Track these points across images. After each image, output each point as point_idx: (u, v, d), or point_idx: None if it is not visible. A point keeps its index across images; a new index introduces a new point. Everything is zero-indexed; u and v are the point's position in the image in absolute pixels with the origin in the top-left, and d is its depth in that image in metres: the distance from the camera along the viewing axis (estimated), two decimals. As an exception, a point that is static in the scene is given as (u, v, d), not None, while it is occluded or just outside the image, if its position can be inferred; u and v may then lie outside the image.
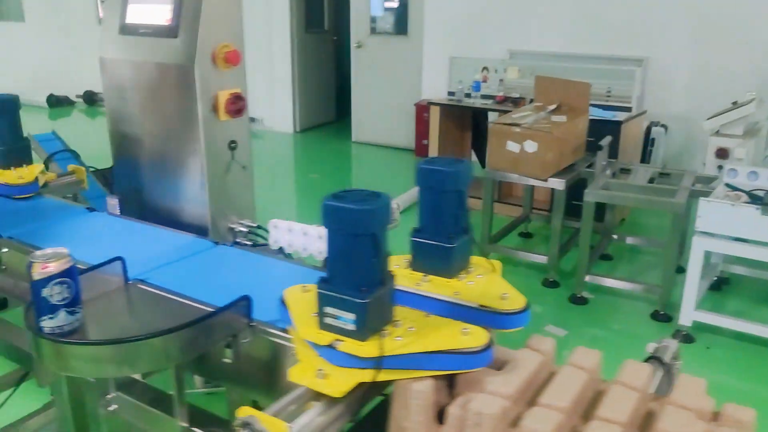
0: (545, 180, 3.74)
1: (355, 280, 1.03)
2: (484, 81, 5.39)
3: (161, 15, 1.68)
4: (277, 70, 8.11)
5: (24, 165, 2.05)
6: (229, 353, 1.23)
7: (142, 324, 1.21)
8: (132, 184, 1.89)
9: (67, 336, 1.08)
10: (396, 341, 1.06)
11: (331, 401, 1.02)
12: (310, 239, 1.51)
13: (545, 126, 3.72)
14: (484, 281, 1.28)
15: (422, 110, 6.36)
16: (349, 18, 7.56)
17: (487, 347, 1.07)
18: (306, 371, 1.05)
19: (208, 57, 1.66)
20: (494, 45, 6.19)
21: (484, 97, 5.26)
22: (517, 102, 5.09)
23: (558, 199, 3.80)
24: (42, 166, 2.09)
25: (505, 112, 4.44)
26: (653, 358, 1.34)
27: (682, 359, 1.44)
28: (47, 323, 1.07)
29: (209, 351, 1.24)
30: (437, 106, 5.37)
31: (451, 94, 5.48)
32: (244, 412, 0.95)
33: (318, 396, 1.03)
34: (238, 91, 1.74)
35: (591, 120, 4.08)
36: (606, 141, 3.79)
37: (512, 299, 1.21)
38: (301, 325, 1.11)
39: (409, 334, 1.08)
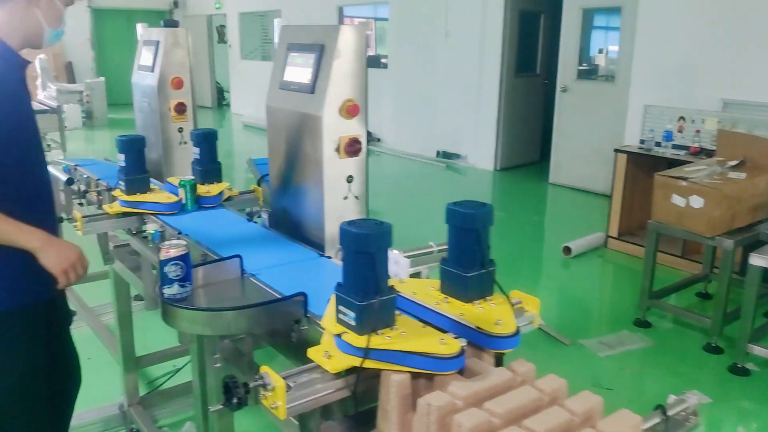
0: (712, 238, 3.59)
1: (356, 287, 1.35)
2: (680, 131, 5.20)
3: (305, 75, 2.16)
4: (484, 111, 8.52)
5: (214, 182, 2.70)
6: (292, 335, 1.63)
7: (236, 303, 1.64)
8: (278, 204, 2.40)
9: (176, 302, 1.56)
10: (385, 339, 1.35)
11: (328, 376, 1.35)
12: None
13: (717, 182, 3.59)
14: (492, 309, 1.50)
15: (621, 157, 6.25)
16: (560, 63, 7.70)
17: (457, 356, 1.32)
18: (319, 352, 1.39)
19: (335, 109, 2.10)
20: (706, 94, 5.90)
21: (676, 147, 5.08)
22: (713, 154, 4.83)
23: (725, 260, 3.61)
24: (227, 184, 2.71)
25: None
26: (658, 407, 1.44)
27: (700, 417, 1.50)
28: (166, 291, 1.56)
29: (276, 329, 1.66)
30: (624, 153, 5.31)
31: (642, 142, 5.37)
32: (264, 369, 1.33)
33: (322, 371, 1.37)
34: (356, 136, 2.14)
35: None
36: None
37: (504, 325, 1.42)
38: (327, 318, 1.46)
39: (399, 336, 1.37)
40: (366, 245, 1.33)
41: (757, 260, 3.29)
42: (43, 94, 11.09)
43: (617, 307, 4.55)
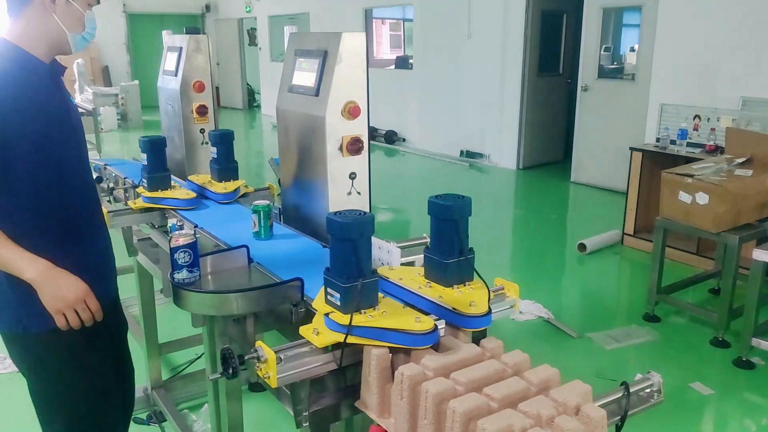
0: (717, 234, 3.66)
1: (341, 271, 1.51)
2: (695, 129, 5.24)
3: (310, 79, 2.32)
4: (506, 111, 8.61)
5: (231, 180, 2.89)
6: (291, 316, 1.80)
7: (239, 287, 1.81)
8: (289, 200, 2.57)
9: (185, 286, 1.74)
10: (367, 318, 1.50)
11: (316, 350, 1.51)
12: (380, 252, 1.99)
13: (723, 179, 3.65)
14: (469, 293, 1.64)
15: (638, 155, 6.30)
16: (583, 62, 7.74)
17: (430, 332, 1.46)
18: (309, 329, 1.55)
19: (337, 110, 2.26)
20: (725, 92, 5.91)
21: (691, 145, 5.12)
22: (728, 152, 4.87)
23: (730, 255, 3.67)
24: (242, 182, 2.89)
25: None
26: (623, 383, 1.56)
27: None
28: (176, 276, 1.74)
29: (280, 312, 1.82)
30: (639, 151, 5.36)
31: (658, 140, 5.42)
32: (258, 343, 1.50)
33: (311, 346, 1.53)
34: (358, 136, 2.30)
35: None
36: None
37: (477, 306, 1.56)
38: (318, 299, 1.62)
39: (380, 315, 1.52)
40: (349, 233, 1.49)
41: (760, 255, 3.34)
42: (80, 97, 11.52)
43: (628, 302, 4.63)
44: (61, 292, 1.69)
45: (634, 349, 3.76)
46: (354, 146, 2.31)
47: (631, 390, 1.53)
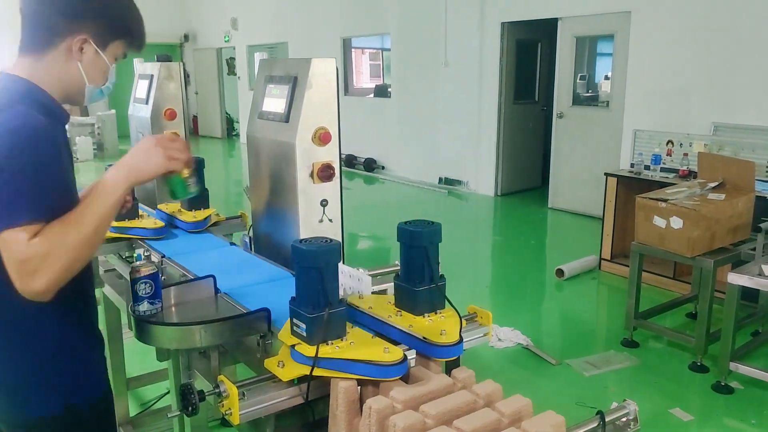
0: (692, 258, 3.66)
1: (307, 301, 1.46)
2: (668, 154, 5.30)
3: (279, 106, 2.30)
4: (484, 138, 8.67)
5: (201, 208, 2.83)
6: (257, 349, 1.73)
7: (204, 318, 1.75)
8: (260, 228, 2.53)
9: (145, 318, 1.67)
10: (335, 349, 1.45)
11: (282, 384, 1.45)
12: (351, 280, 1.95)
13: (696, 203, 3.67)
14: (440, 321, 1.60)
15: (612, 181, 6.35)
16: (559, 90, 7.84)
17: (399, 363, 1.42)
18: (274, 362, 1.50)
19: (308, 137, 2.23)
20: (697, 118, 6.02)
21: (665, 170, 5.17)
22: (701, 177, 4.91)
23: (705, 279, 3.68)
24: (214, 210, 2.84)
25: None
26: (599, 413, 1.52)
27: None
28: (137, 308, 1.68)
29: (246, 345, 1.76)
30: (614, 177, 5.40)
31: (632, 166, 5.47)
32: (220, 378, 1.43)
33: (276, 379, 1.47)
34: (329, 162, 2.27)
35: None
36: (768, 224, 3.59)
37: (448, 335, 1.51)
38: (284, 330, 1.56)
39: (348, 346, 1.47)
40: (314, 261, 1.44)
41: (735, 279, 3.35)
42: (56, 127, 11.39)
43: (606, 328, 4.61)
44: (145, 146, 1.53)
45: (613, 375, 3.73)
46: (325, 173, 2.27)
47: (606, 419, 1.49)
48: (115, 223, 2.58)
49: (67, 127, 1.66)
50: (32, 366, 1.53)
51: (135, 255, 2.39)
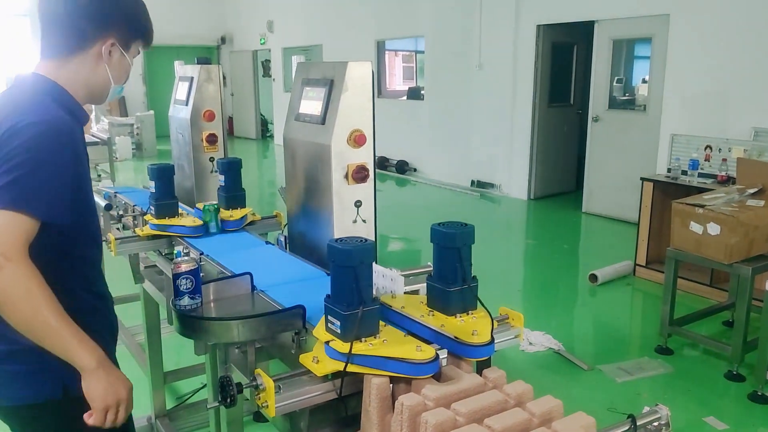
0: (729, 265, 3.61)
1: (341, 299, 1.49)
2: (707, 159, 5.21)
3: (316, 108, 2.34)
4: (517, 141, 8.62)
5: (238, 208, 2.90)
6: (292, 345, 1.78)
7: (242, 314, 1.80)
8: (295, 228, 2.57)
9: (186, 312, 1.73)
10: (368, 346, 1.48)
11: (316, 379, 1.49)
12: (384, 279, 1.98)
13: (734, 209, 3.61)
14: (472, 322, 1.62)
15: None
16: (595, 93, 7.76)
17: (431, 361, 1.44)
18: (309, 358, 1.53)
19: (343, 139, 2.27)
20: (737, 122, 5.90)
21: (703, 175, 5.08)
22: (740, 183, 4.82)
23: (743, 287, 3.62)
24: (250, 209, 2.91)
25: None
26: (629, 416, 1.53)
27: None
28: (178, 302, 1.73)
29: (282, 341, 1.81)
30: (651, 182, 5.33)
31: (669, 171, 5.39)
32: (257, 371, 1.48)
33: (310, 374, 1.51)
34: (363, 164, 2.31)
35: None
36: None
37: (480, 336, 1.53)
38: (319, 327, 1.60)
39: (381, 344, 1.50)
40: (349, 260, 1.48)
41: (772, 287, 3.29)
42: (96, 127, 11.69)
43: (640, 335, 4.56)
44: (114, 388, 1.50)
45: (646, 382, 3.69)
46: (359, 174, 2.31)
47: (638, 423, 1.49)
48: (155, 221, 2.67)
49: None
50: (30, 348, 1.49)
51: (175, 252, 2.46)
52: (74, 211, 1.53)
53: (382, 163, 10.96)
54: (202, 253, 2.41)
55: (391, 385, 1.47)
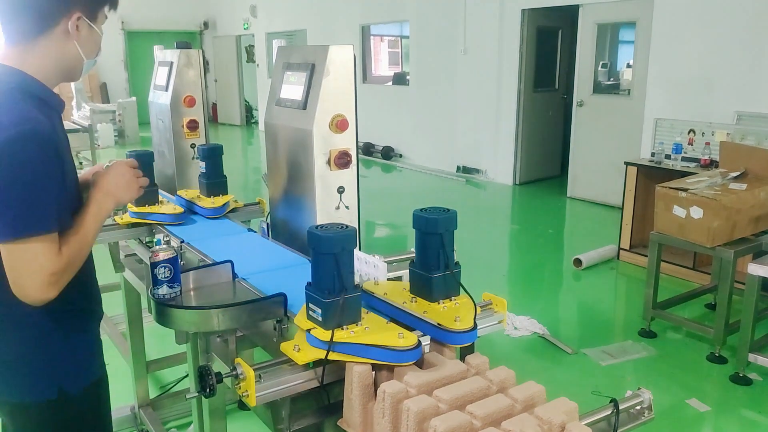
0: (712, 249, 3.63)
1: (322, 286, 1.47)
2: (690, 143, 5.24)
3: (297, 93, 2.31)
4: (502, 126, 8.61)
5: (220, 195, 2.86)
6: (274, 333, 1.76)
7: (222, 302, 1.77)
8: (277, 214, 2.54)
9: (165, 301, 1.70)
10: (349, 334, 1.47)
11: (297, 367, 1.47)
12: (367, 266, 1.96)
13: (717, 193, 3.63)
14: (454, 308, 1.61)
15: (632, 170, 6.29)
16: (580, 78, 7.75)
17: (413, 348, 1.43)
18: (290, 346, 1.52)
19: (325, 124, 2.23)
20: (720, 106, 5.92)
21: (686, 159, 5.10)
22: (723, 167, 4.85)
23: (725, 270, 3.64)
24: (232, 196, 2.87)
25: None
26: (612, 401, 1.53)
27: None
28: (156, 291, 1.71)
29: (260, 327, 1.78)
30: (634, 166, 5.35)
31: (653, 155, 5.41)
32: (237, 360, 1.46)
33: (292, 363, 1.49)
34: (346, 149, 2.28)
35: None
36: (785, 213, 3.54)
37: (462, 322, 1.52)
38: (300, 315, 1.58)
39: (362, 331, 1.48)
40: (330, 246, 1.46)
41: (756, 269, 3.31)
42: (78, 114, 11.53)
43: (623, 318, 4.59)
44: (124, 178, 1.69)
45: (630, 365, 3.71)
46: (342, 160, 2.28)
47: (620, 407, 1.50)
48: (135, 209, 2.62)
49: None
50: (25, 349, 1.52)
51: (155, 240, 2.42)
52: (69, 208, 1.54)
53: (367, 149, 10.91)
54: (182, 241, 2.38)
55: (373, 372, 1.45)
